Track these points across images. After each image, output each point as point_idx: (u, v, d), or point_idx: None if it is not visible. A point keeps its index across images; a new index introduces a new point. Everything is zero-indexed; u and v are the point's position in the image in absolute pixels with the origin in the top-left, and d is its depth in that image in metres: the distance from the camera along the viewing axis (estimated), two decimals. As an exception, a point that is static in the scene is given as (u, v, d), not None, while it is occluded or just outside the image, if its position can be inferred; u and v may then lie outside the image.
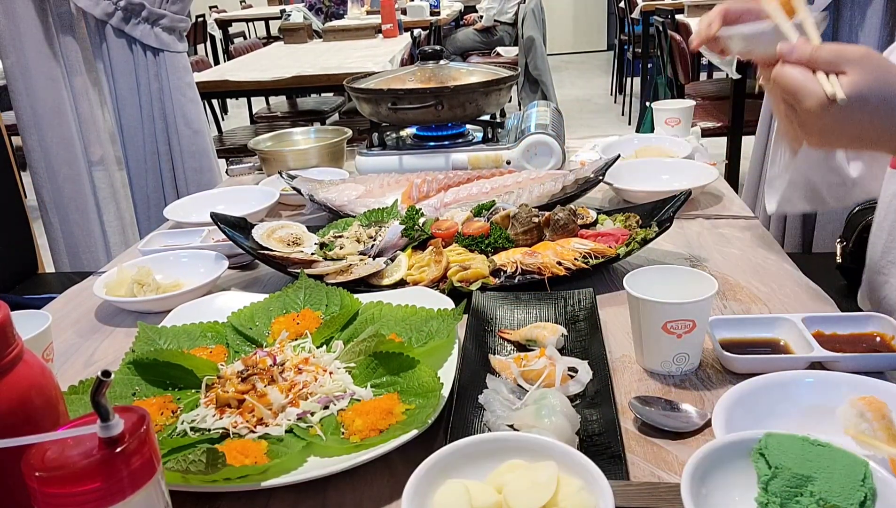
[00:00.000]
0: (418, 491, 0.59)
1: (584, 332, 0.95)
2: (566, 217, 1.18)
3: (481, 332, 0.96)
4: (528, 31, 5.57)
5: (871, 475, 0.57)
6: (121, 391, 0.85)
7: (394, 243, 1.21)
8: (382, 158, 1.63)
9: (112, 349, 1.07)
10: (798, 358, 0.84)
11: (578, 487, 0.58)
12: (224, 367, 0.88)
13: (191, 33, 5.93)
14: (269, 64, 3.78)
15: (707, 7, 4.12)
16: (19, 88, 2.30)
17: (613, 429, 0.74)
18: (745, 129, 3.19)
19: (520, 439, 0.65)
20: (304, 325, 0.97)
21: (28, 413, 0.56)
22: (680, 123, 1.74)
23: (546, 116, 1.64)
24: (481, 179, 1.42)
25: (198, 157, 2.44)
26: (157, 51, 2.32)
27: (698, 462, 0.60)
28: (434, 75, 1.66)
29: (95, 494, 0.49)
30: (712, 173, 1.43)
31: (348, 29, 4.71)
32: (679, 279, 0.88)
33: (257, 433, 0.77)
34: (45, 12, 2.30)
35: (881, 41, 2.20)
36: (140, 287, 1.17)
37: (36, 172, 2.38)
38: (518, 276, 1.09)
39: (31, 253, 2.15)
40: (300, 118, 4.13)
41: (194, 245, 1.34)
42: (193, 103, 2.42)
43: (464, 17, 7.28)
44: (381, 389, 0.83)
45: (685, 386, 0.85)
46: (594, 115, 6.54)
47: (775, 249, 1.21)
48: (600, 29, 10.28)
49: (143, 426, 0.51)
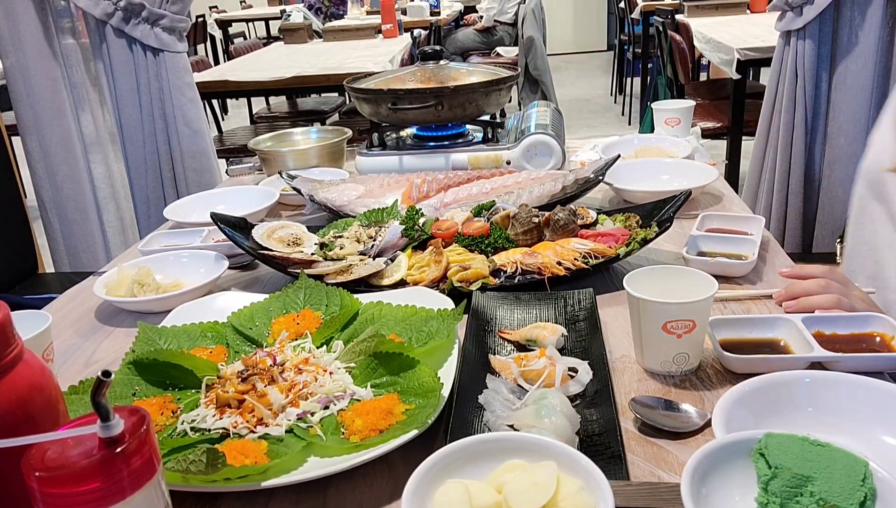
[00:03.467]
0: (418, 491, 0.59)
1: (584, 332, 0.95)
2: (566, 217, 1.18)
3: (481, 332, 0.96)
4: (528, 31, 5.57)
5: (871, 475, 0.57)
6: (121, 391, 0.85)
7: (394, 243, 1.21)
8: (382, 159, 1.63)
9: (112, 349, 1.07)
10: (798, 358, 0.84)
11: (578, 487, 0.58)
12: (224, 367, 0.88)
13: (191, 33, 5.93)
14: (269, 64, 3.78)
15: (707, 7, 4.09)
16: (19, 89, 2.29)
17: (613, 429, 0.74)
18: (745, 129, 3.20)
19: (520, 439, 0.64)
20: (304, 325, 0.97)
21: (28, 413, 0.56)
22: (680, 123, 1.74)
23: (546, 116, 1.64)
24: (481, 179, 1.42)
25: (198, 157, 2.44)
26: (157, 51, 2.32)
27: (698, 462, 0.60)
28: (434, 75, 1.66)
29: (95, 494, 0.49)
30: (712, 173, 1.43)
31: (348, 29, 4.72)
32: (679, 279, 0.88)
33: (257, 434, 0.77)
34: (45, 12, 2.30)
35: (881, 41, 2.20)
36: (140, 287, 1.17)
37: (36, 173, 2.38)
38: (518, 276, 1.09)
39: (31, 253, 2.16)
40: (300, 118, 4.13)
41: (194, 245, 1.34)
42: (193, 103, 2.42)
43: (464, 17, 7.29)
44: (381, 389, 0.83)
45: (685, 386, 0.85)
46: (594, 115, 6.54)
47: (775, 249, 1.21)
48: (600, 29, 10.28)
49: (144, 426, 0.51)
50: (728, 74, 3.16)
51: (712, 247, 1.16)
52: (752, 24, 3.79)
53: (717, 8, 4.26)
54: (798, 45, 2.34)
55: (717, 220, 1.26)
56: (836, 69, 2.32)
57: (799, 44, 2.33)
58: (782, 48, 2.42)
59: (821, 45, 2.31)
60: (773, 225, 2.50)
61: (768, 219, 2.50)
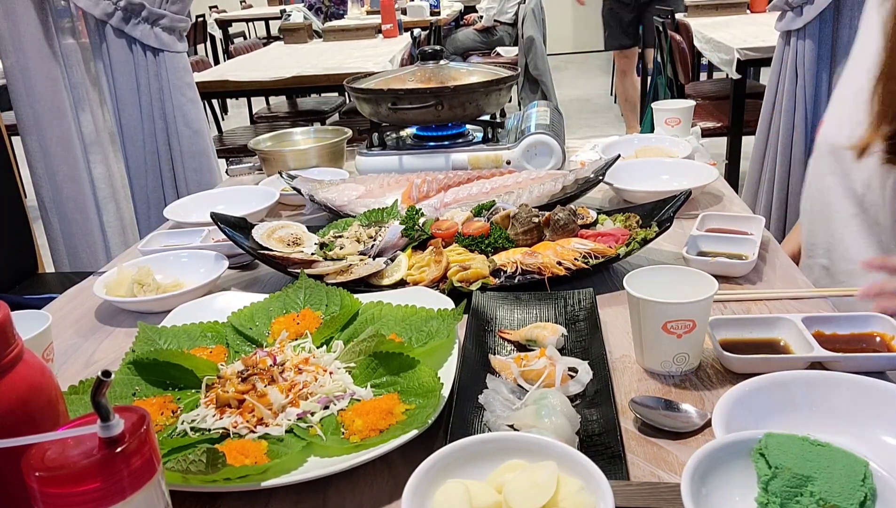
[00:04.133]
0: (418, 491, 0.59)
1: (584, 332, 0.95)
2: (566, 217, 1.18)
3: (481, 332, 0.96)
4: (528, 31, 5.56)
5: (871, 475, 0.57)
6: (121, 391, 0.85)
7: (394, 243, 1.21)
8: (382, 158, 1.63)
9: (112, 349, 1.07)
10: (798, 358, 0.84)
11: (578, 487, 0.58)
12: (224, 367, 0.88)
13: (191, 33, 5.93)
14: (269, 64, 3.78)
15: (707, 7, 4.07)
16: (19, 89, 2.29)
17: (613, 429, 0.74)
18: (745, 129, 3.20)
19: (520, 439, 0.65)
20: (304, 325, 0.97)
21: (28, 413, 0.56)
22: (680, 123, 1.74)
23: (546, 116, 1.64)
24: (481, 179, 1.42)
25: (198, 157, 2.44)
26: (157, 51, 2.32)
27: (698, 461, 0.60)
28: (434, 75, 1.66)
29: (95, 494, 0.49)
30: (712, 173, 1.43)
31: (348, 29, 4.71)
32: (679, 279, 0.88)
33: (257, 433, 0.77)
34: (45, 12, 2.30)
35: (881, 41, 2.19)
36: (140, 287, 1.17)
37: (36, 172, 2.38)
38: (518, 276, 1.09)
39: (31, 253, 2.15)
40: (300, 118, 4.13)
41: (194, 245, 1.34)
42: (193, 103, 2.42)
43: (464, 17, 7.29)
44: (381, 389, 0.83)
45: (685, 386, 0.85)
46: (594, 115, 6.53)
47: (775, 249, 1.21)
48: (600, 29, 10.26)
49: (144, 426, 0.51)
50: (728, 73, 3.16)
51: (712, 247, 1.16)
52: (752, 23, 3.79)
53: (717, 8, 4.25)
54: (798, 45, 2.34)
55: (717, 220, 1.26)
56: (836, 69, 2.32)
57: (799, 43, 2.33)
58: (782, 48, 2.42)
59: (821, 44, 2.31)
60: (773, 225, 2.50)
61: (768, 219, 2.50)
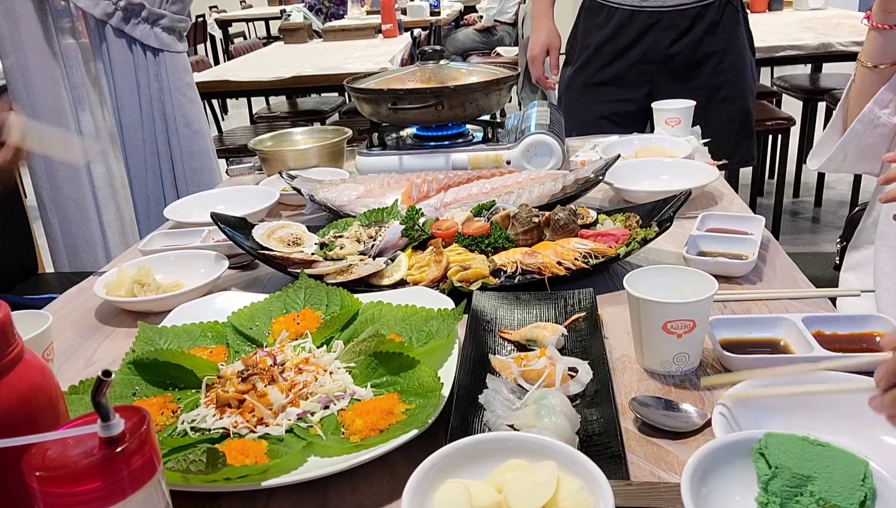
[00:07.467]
0: (418, 491, 0.59)
1: (584, 332, 0.95)
2: (566, 217, 1.18)
3: (481, 332, 0.96)
4: (529, 31, 5.56)
5: (871, 475, 0.57)
6: (121, 391, 0.85)
7: (394, 243, 1.21)
8: (382, 158, 1.63)
9: (112, 349, 1.07)
10: (798, 358, 0.84)
11: (578, 487, 0.58)
12: (224, 367, 0.88)
13: (191, 33, 5.93)
14: (269, 64, 3.78)
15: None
16: (19, 88, 2.29)
17: (613, 429, 0.74)
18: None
19: (520, 439, 0.65)
20: (305, 325, 0.97)
21: (28, 413, 0.56)
22: (680, 123, 1.74)
23: (546, 116, 1.64)
24: (481, 179, 1.42)
25: (198, 157, 2.44)
26: (157, 51, 2.32)
27: (698, 461, 0.60)
28: (434, 75, 1.66)
29: (96, 494, 0.49)
30: (712, 173, 1.43)
31: (348, 29, 4.71)
32: (679, 279, 0.88)
33: (257, 433, 0.77)
34: (44, 12, 2.30)
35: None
36: (140, 287, 1.17)
37: (35, 173, 2.38)
38: (518, 276, 1.09)
39: (31, 253, 2.15)
40: (300, 118, 4.12)
41: (194, 245, 1.34)
42: (193, 103, 2.42)
43: (464, 17, 7.28)
44: (382, 389, 0.83)
45: (685, 386, 0.85)
46: (594, 115, 6.51)
47: (775, 249, 1.21)
48: (600, 29, 10.25)
49: (144, 426, 0.51)
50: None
51: (712, 247, 1.16)
52: (751, 23, 3.78)
53: (717, 8, 4.25)
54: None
55: (717, 220, 1.26)
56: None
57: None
58: None
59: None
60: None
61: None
